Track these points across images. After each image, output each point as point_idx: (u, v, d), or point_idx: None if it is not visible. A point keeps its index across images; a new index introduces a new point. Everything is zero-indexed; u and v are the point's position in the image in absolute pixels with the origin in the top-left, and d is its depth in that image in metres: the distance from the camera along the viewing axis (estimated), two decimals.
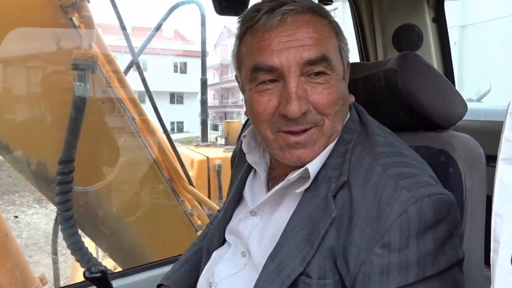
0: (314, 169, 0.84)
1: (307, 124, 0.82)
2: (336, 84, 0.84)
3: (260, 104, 0.84)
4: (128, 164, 2.13)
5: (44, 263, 5.89)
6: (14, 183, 9.48)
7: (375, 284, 0.74)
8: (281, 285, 0.80)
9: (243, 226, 0.97)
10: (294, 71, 0.81)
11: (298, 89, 0.80)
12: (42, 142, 1.97)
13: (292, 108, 0.79)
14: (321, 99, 0.82)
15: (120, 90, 2.05)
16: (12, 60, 1.93)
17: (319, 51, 0.81)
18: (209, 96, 31.39)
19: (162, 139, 2.27)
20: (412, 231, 0.72)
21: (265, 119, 0.85)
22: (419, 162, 0.85)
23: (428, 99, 1.01)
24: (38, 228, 7.49)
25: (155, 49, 18.95)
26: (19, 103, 1.97)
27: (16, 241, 2.30)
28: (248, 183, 1.05)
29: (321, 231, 0.79)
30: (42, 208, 8.47)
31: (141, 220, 2.19)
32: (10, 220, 7.82)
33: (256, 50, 0.83)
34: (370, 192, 0.78)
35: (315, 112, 0.83)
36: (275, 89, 0.83)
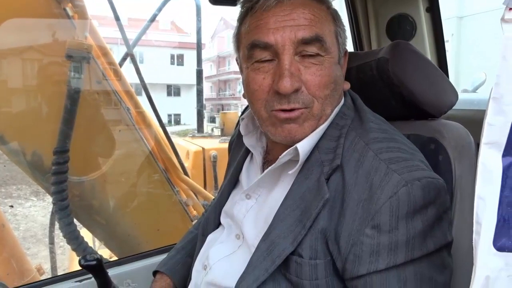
0: (303, 149, 0.86)
1: (297, 104, 0.84)
2: (329, 67, 0.86)
3: (256, 82, 0.87)
4: (123, 155, 2.13)
5: (42, 255, 5.89)
6: (11, 176, 9.45)
7: (364, 264, 0.76)
8: (272, 263, 0.82)
9: (237, 208, 0.99)
10: (288, 49, 0.83)
11: (291, 67, 0.83)
12: (37, 132, 1.98)
13: (284, 83, 0.81)
14: (313, 80, 0.84)
15: (115, 81, 2.05)
16: (5, 51, 1.92)
17: (313, 31, 0.84)
18: (206, 88, 31.31)
19: (157, 130, 2.27)
20: (401, 212, 0.74)
21: (260, 97, 0.87)
22: (411, 148, 0.87)
23: (419, 87, 1.02)
24: (36, 221, 7.47)
25: (152, 41, 18.86)
26: (12, 94, 1.97)
27: (13, 232, 2.31)
28: (245, 167, 1.07)
29: (313, 212, 0.81)
30: (39, 200, 8.44)
31: (137, 210, 2.20)
32: (7, 212, 7.81)
33: (254, 29, 0.87)
34: (362, 175, 0.80)
35: (306, 92, 0.85)
36: (270, 67, 0.86)
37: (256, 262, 0.85)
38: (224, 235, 1.03)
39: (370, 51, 1.18)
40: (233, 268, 0.91)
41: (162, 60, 22.95)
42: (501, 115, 0.51)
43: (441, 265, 0.79)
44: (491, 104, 0.51)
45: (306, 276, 0.81)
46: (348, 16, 1.83)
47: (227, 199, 1.06)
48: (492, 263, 0.52)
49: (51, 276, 2.24)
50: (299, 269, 0.81)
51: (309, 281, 0.81)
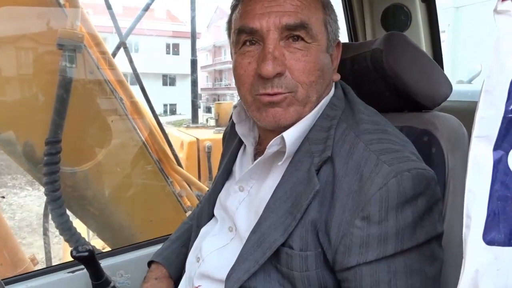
0: (290, 139, 0.86)
1: (281, 88, 0.84)
2: (315, 54, 0.86)
3: (242, 66, 0.88)
4: (116, 145, 2.12)
5: (37, 244, 5.89)
6: (6, 165, 9.42)
7: (354, 256, 0.76)
8: (263, 255, 0.82)
9: (230, 201, 0.98)
10: (272, 34, 0.84)
11: (275, 51, 0.83)
12: (29, 122, 1.96)
13: (266, 67, 0.82)
14: (297, 65, 0.85)
15: (108, 71, 2.03)
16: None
17: (298, 18, 0.84)
18: (202, 78, 31.15)
19: (150, 120, 2.26)
20: (391, 204, 0.74)
21: (245, 81, 0.88)
22: (402, 140, 0.87)
23: (412, 79, 1.02)
24: (31, 210, 7.47)
25: (147, 30, 18.69)
26: (3, 83, 1.95)
27: (6, 222, 2.30)
28: (238, 158, 1.07)
29: (303, 204, 0.81)
30: (34, 190, 8.42)
31: (130, 200, 2.20)
32: (2, 202, 7.79)
33: (242, 15, 0.88)
34: (353, 166, 0.80)
35: (290, 77, 0.85)
36: (255, 52, 0.86)
37: (246, 254, 0.85)
38: (217, 227, 1.03)
39: (364, 42, 1.17)
40: (225, 260, 0.91)
41: (158, 50, 22.77)
42: (493, 108, 0.50)
43: (431, 256, 0.79)
44: (482, 97, 0.51)
45: (297, 268, 0.81)
46: (343, 7, 1.81)
47: (221, 190, 1.06)
48: (481, 257, 0.52)
49: (44, 267, 2.24)
50: (290, 261, 0.81)
51: (299, 273, 0.81)
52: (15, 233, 6.11)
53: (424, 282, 0.76)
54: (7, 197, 8.23)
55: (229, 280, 0.85)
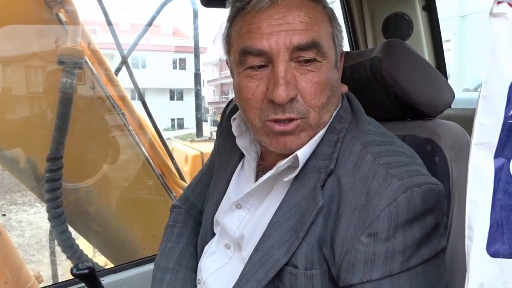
0: (303, 157, 0.82)
1: (293, 114, 0.80)
2: (326, 72, 0.81)
3: (249, 90, 0.82)
4: (119, 161, 2.12)
5: (46, 262, 5.88)
6: (16, 183, 9.48)
7: (358, 274, 0.73)
8: (265, 275, 0.79)
9: (228, 219, 0.95)
10: (283, 56, 0.78)
11: (286, 74, 0.78)
12: (30, 139, 1.96)
13: (279, 92, 0.76)
14: (309, 88, 0.79)
15: (109, 86, 2.04)
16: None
17: (309, 36, 0.78)
18: (209, 92, 31.32)
19: (153, 135, 2.26)
20: (400, 220, 0.71)
21: (253, 106, 0.83)
22: (410, 152, 0.84)
23: (413, 87, 1.00)
24: (41, 227, 7.47)
25: (153, 46, 18.90)
26: (4, 101, 1.96)
27: (11, 240, 2.29)
28: (235, 174, 1.02)
29: (307, 221, 0.78)
30: (44, 207, 8.44)
31: (133, 216, 2.19)
32: (12, 219, 7.82)
33: (246, 33, 0.81)
34: (360, 180, 0.77)
35: (302, 101, 0.80)
36: (264, 74, 0.80)
37: (248, 274, 0.82)
38: (214, 243, 1.00)
39: (363, 50, 1.15)
40: (225, 281, 0.88)
41: (165, 65, 23.01)
42: (492, 114, 0.49)
43: (435, 271, 0.76)
44: (481, 103, 0.49)
45: (302, 287, 0.78)
46: (343, 16, 1.81)
47: (218, 208, 1.02)
48: (486, 270, 0.50)
49: (50, 284, 2.23)
50: (294, 280, 0.78)
51: None
52: (24, 250, 6.11)
53: None
54: (16, 214, 8.26)
55: None
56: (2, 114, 1.94)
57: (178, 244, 1.13)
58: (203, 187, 1.18)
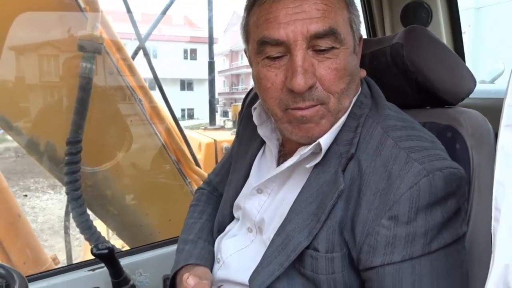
0: (326, 144, 0.83)
1: (313, 101, 0.80)
2: (344, 59, 0.81)
3: (268, 79, 0.83)
4: (135, 146, 2.14)
5: (59, 247, 5.99)
6: (29, 170, 9.63)
7: (379, 256, 0.74)
8: (287, 258, 0.81)
9: (249, 204, 0.96)
10: (300, 44, 0.78)
11: (304, 63, 0.78)
12: (50, 123, 2.00)
13: (297, 81, 0.77)
14: (328, 75, 0.80)
15: (127, 72, 2.06)
16: (18, 44, 1.94)
17: (326, 24, 0.78)
18: (219, 83, 31.30)
19: (169, 121, 2.28)
20: (421, 204, 0.71)
21: (273, 95, 0.83)
22: (431, 136, 0.84)
23: (435, 73, 0.99)
24: (53, 213, 7.59)
25: (165, 36, 18.89)
26: (25, 86, 1.99)
27: (28, 223, 2.35)
28: (256, 160, 1.04)
29: (328, 205, 0.79)
30: (56, 193, 8.57)
31: (149, 200, 2.22)
32: (25, 205, 7.95)
33: (263, 23, 0.81)
34: (380, 164, 0.77)
35: (321, 88, 0.80)
36: (282, 63, 0.81)
37: (270, 256, 0.83)
38: (236, 229, 1.02)
39: (384, 37, 1.15)
40: (246, 262, 0.90)
41: (176, 55, 23.01)
42: None
43: (456, 256, 0.76)
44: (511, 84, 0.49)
45: (323, 271, 0.79)
46: (361, 3, 1.79)
47: (239, 193, 1.04)
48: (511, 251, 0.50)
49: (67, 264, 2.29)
50: (315, 264, 0.80)
51: (325, 276, 0.79)
52: (37, 235, 6.23)
53: (452, 284, 0.74)
54: (29, 200, 8.40)
55: (253, 283, 0.84)
56: (23, 100, 1.98)
57: (199, 220, 1.16)
58: (224, 173, 1.20)
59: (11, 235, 2.11)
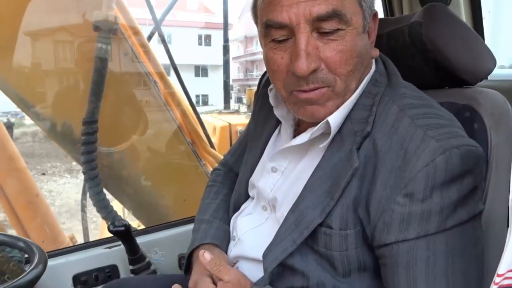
0: (335, 123, 0.82)
1: (317, 84, 0.79)
2: (351, 40, 0.79)
3: (274, 61, 0.82)
4: (151, 127, 2.16)
5: (76, 229, 6.11)
6: (46, 154, 9.79)
7: (393, 233, 0.74)
8: (300, 235, 0.81)
9: (263, 181, 0.97)
10: (303, 27, 0.77)
11: (307, 46, 0.77)
12: (66, 104, 2.03)
13: (299, 65, 0.76)
14: (333, 57, 0.78)
15: (141, 52, 2.07)
16: (34, 25, 1.96)
17: (330, 6, 0.76)
18: (234, 69, 31.18)
19: (184, 103, 2.28)
20: (437, 181, 0.71)
21: (279, 78, 0.83)
22: (448, 115, 0.83)
23: (454, 52, 0.97)
24: (70, 197, 7.72)
25: (179, 21, 18.85)
26: (43, 68, 2.02)
27: (47, 203, 2.40)
28: (271, 140, 1.04)
29: (342, 183, 0.79)
30: (73, 178, 8.71)
31: (164, 180, 2.25)
32: (43, 189, 8.09)
33: (267, 5, 0.80)
34: (396, 142, 0.76)
35: (326, 70, 0.79)
36: (288, 46, 0.80)
37: (284, 233, 0.84)
38: (251, 207, 1.03)
39: (402, 16, 1.13)
40: (260, 239, 0.90)
41: (190, 41, 22.96)
42: None
43: (472, 234, 0.76)
44: None
45: (336, 247, 0.79)
46: None
47: (253, 171, 1.04)
48: None
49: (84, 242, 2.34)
50: (329, 240, 0.80)
51: (339, 252, 0.79)
52: None
53: (467, 262, 0.74)
54: (47, 183, 8.56)
55: (266, 259, 0.85)
56: (41, 82, 2.01)
57: (215, 200, 1.17)
58: (240, 153, 1.21)
59: (30, 214, 2.17)
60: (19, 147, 2.37)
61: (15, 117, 9.71)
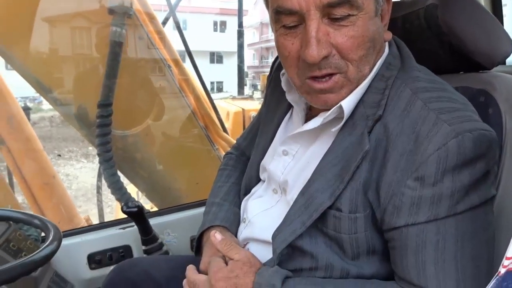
0: (348, 107, 0.82)
1: (329, 69, 0.79)
2: (363, 25, 0.78)
3: (285, 47, 0.82)
4: (164, 110, 2.18)
5: (92, 213, 6.21)
6: (63, 138, 9.95)
7: (403, 216, 0.74)
8: (309, 217, 0.81)
9: (274, 165, 0.97)
10: (314, 14, 0.75)
11: (318, 33, 0.76)
12: (83, 88, 2.05)
13: (309, 52, 0.76)
14: (345, 43, 0.77)
15: (155, 35, 2.07)
16: (52, 12, 1.98)
17: None
18: (249, 56, 31.01)
19: (197, 87, 2.29)
20: (449, 165, 0.70)
21: (291, 64, 0.83)
22: (462, 98, 0.82)
23: (470, 36, 0.96)
24: (86, 181, 7.84)
25: (194, 8, 18.79)
26: (59, 51, 2.04)
27: (63, 185, 2.46)
28: (283, 124, 1.04)
29: (352, 166, 0.79)
30: (89, 162, 8.84)
31: (177, 164, 2.27)
32: (60, 172, 8.22)
33: None
34: (408, 125, 0.76)
35: (338, 56, 0.79)
36: (298, 32, 0.79)
37: (293, 215, 0.85)
38: (262, 190, 1.03)
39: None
40: (270, 222, 0.91)
41: (205, 27, 22.87)
42: None
43: (483, 219, 0.75)
44: None
45: (345, 230, 0.80)
46: None
47: (265, 155, 1.05)
48: None
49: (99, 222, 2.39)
50: (338, 223, 0.80)
51: (348, 235, 0.80)
52: None
53: (477, 246, 0.73)
54: (64, 167, 8.71)
55: (275, 240, 0.85)
56: (57, 65, 2.04)
57: (226, 183, 1.19)
58: (252, 137, 1.21)
59: (46, 195, 2.23)
60: (37, 132, 2.41)
61: (33, 102, 9.88)
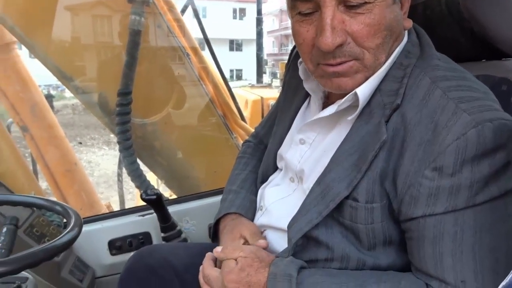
0: (363, 95, 0.81)
1: (344, 57, 0.78)
2: (380, 13, 0.76)
3: (300, 35, 0.81)
4: (183, 99, 2.19)
5: (113, 200, 6.34)
6: (85, 126, 10.14)
7: (421, 207, 0.73)
8: (326, 207, 0.81)
9: (291, 153, 0.97)
10: (329, 1, 0.75)
11: (333, 20, 0.75)
12: (103, 76, 2.08)
13: (324, 40, 0.75)
14: (361, 31, 0.76)
15: (173, 23, 2.07)
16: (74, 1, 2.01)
17: None
18: (268, 44, 30.83)
19: (216, 75, 2.29)
20: (468, 155, 0.69)
21: (306, 51, 0.83)
22: (483, 87, 0.80)
23: (492, 22, 0.93)
24: (108, 168, 7.97)
25: None
26: (79, 39, 2.07)
27: (85, 172, 2.51)
28: (301, 112, 1.03)
29: (369, 156, 0.78)
30: (111, 150, 8.98)
31: (195, 152, 2.28)
32: (82, 160, 8.38)
33: None
34: (427, 114, 0.75)
35: (353, 44, 0.77)
36: (314, 19, 0.78)
37: (309, 205, 0.84)
38: (279, 178, 1.03)
39: None
40: (287, 210, 0.91)
41: (225, 15, 22.82)
42: None
43: (503, 211, 0.73)
44: None
45: (362, 220, 0.79)
46: None
47: (282, 143, 1.05)
48: None
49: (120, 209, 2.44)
50: (354, 213, 0.80)
51: (364, 225, 0.79)
52: None
53: (495, 239, 0.72)
54: (86, 154, 8.89)
55: (291, 229, 0.85)
56: (77, 53, 2.07)
57: (244, 171, 1.20)
58: (270, 125, 1.21)
59: (68, 181, 2.28)
60: (59, 119, 2.46)
61: (56, 90, 10.09)
